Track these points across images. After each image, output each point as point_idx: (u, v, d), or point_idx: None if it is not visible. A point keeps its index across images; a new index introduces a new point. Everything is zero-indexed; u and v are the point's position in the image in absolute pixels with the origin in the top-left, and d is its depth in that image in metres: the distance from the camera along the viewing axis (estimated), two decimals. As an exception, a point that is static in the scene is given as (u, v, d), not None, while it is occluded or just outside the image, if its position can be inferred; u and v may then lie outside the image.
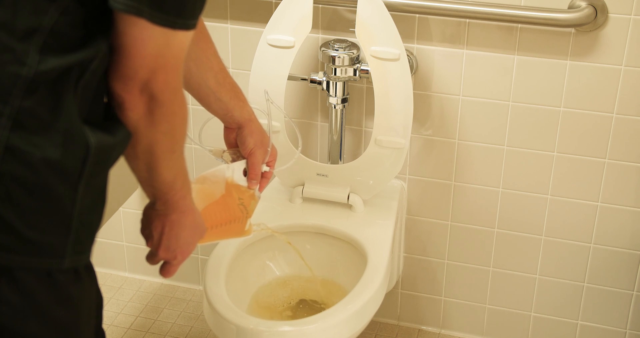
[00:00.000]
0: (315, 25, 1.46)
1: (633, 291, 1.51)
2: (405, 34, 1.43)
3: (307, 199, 1.49)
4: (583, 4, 1.35)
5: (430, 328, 1.66)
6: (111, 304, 1.72)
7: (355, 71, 1.42)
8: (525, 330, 1.61)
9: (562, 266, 1.53)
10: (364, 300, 1.24)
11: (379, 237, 1.38)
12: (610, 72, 1.37)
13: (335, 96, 1.44)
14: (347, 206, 1.47)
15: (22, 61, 0.71)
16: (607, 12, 1.34)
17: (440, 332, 1.65)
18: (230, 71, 1.55)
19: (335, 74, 1.42)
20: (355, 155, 1.56)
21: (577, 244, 1.50)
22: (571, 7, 1.36)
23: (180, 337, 1.62)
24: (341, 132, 1.48)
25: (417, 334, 1.65)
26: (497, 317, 1.62)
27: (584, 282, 1.53)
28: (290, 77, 1.44)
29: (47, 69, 0.72)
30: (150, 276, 1.80)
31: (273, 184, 1.53)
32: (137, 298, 1.75)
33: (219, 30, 1.51)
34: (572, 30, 1.36)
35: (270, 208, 1.47)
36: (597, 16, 1.35)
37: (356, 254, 1.38)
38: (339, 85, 1.43)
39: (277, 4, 1.42)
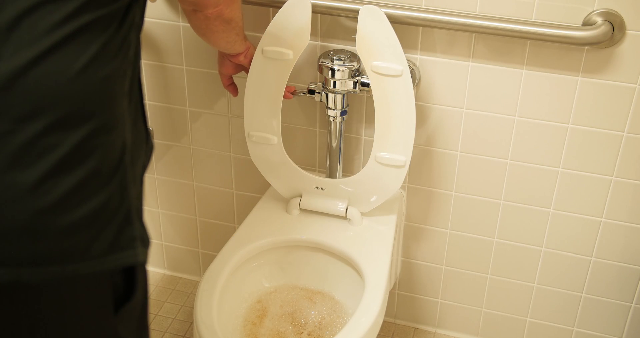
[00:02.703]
0: (314, 32, 1.38)
1: (632, 303, 1.50)
2: (409, 44, 1.35)
3: (304, 211, 1.46)
4: (599, 20, 1.26)
5: (426, 328, 1.67)
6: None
7: (355, 84, 1.35)
8: (520, 333, 1.62)
9: (560, 276, 1.52)
10: (364, 329, 1.22)
11: (377, 258, 1.34)
12: (623, 91, 1.30)
13: (335, 108, 1.39)
14: (346, 218, 1.44)
15: None
16: (625, 29, 1.26)
17: (435, 331, 1.67)
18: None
19: (334, 86, 1.35)
20: (353, 164, 1.52)
21: (577, 257, 1.48)
22: (586, 23, 1.27)
23: (179, 334, 1.63)
24: (340, 144, 1.43)
25: (413, 333, 1.66)
26: (492, 319, 1.62)
27: (582, 293, 1.52)
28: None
29: None
30: (153, 266, 1.81)
31: (270, 194, 1.50)
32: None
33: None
34: (586, 46, 1.28)
35: (267, 218, 1.44)
36: (614, 33, 1.27)
37: (354, 272, 1.37)
38: (338, 98, 1.37)
39: (274, 12, 1.34)
